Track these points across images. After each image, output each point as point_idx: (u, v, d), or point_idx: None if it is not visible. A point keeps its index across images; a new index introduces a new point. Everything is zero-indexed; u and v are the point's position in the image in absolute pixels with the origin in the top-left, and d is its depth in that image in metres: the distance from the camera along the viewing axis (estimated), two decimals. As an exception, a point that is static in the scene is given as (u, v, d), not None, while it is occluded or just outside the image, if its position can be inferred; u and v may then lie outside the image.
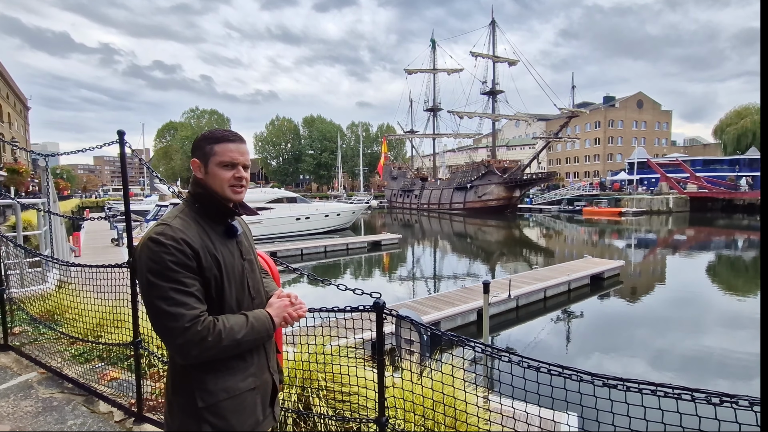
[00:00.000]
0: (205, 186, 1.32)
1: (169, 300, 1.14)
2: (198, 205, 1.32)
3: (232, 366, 1.28)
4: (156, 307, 1.15)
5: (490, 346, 1.84)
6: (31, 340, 4.14)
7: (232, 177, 1.31)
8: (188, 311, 1.14)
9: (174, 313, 1.13)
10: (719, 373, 7.00)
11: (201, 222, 1.29)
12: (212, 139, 1.32)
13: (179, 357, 1.19)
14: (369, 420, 2.36)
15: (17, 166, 14.00)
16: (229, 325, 1.20)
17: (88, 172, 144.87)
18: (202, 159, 1.32)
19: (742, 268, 16.42)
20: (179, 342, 1.14)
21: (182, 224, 1.24)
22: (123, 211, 2.87)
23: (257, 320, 1.28)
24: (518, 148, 73.24)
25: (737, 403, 1.30)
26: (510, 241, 25.50)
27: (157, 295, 1.14)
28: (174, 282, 1.15)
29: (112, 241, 17.05)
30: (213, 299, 1.25)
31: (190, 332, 1.13)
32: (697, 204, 38.33)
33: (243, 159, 1.33)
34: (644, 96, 68.73)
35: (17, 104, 43.09)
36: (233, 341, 1.20)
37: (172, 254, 1.16)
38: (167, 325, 1.14)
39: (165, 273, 1.15)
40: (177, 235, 1.19)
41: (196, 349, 1.14)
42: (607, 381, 1.52)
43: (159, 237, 1.18)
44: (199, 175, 1.33)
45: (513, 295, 9.60)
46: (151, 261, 1.16)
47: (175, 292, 1.14)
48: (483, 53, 45.53)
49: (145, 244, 1.19)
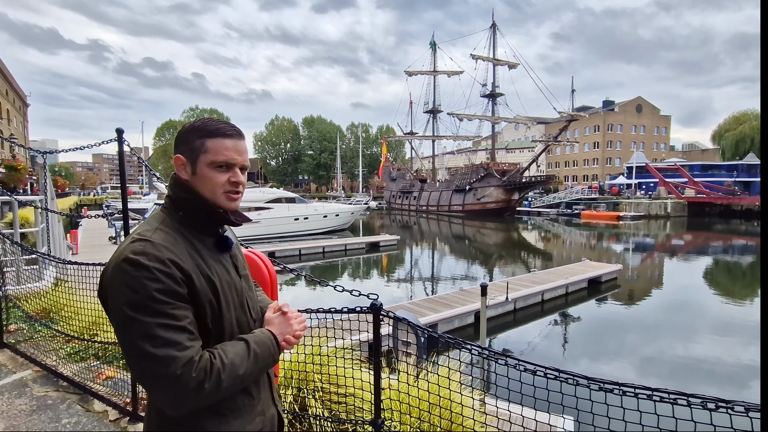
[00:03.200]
0: (191, 190, 1.05)
1: (155, 339, 0.88)
2: (182, 213, 1.05)
3: (238, 406, 1.04)
4: (138, 350, 0.88)
5: (487, 349, 1.84)
6: (27, 338, 4.12)
7: (227, 181, 1.05)
8: (180, 353, 0.89)
9: (162, 357, 0.87)
10: (711, 379, 7.01)
11: (186, 234, 1.03)
12: (204, 132, 1.04)
13: (170, 410, 0.93)
14: (365, 422, 2.36)
15: (15, 163, 13.96)
16: (229, 360, 0.96)
17: (87, 169, 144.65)
18: (189, 156, 1.04)
19: (738, 274, 16.46)
20: (170, 394, 0.89)
21: (166, 239, 0.97)
22: (121, 209, 2.85)
23: (260, 346, 1.03)
24: (517, 151, 73.35)
25: (733, 408, 1.30)
26: (508, 244, 25.53)
27: (140, 334, 0.88)
28: (161, 316, 0.89)
29: (110, 239, 17.02)
30: (209, 330, 1.00)
31: (183, 379, 0.88)
32: (694, 209, 38.44)
33: (241, 159, 1.07)
34: (643, 101, 69.00)
35: (16, 101, 43.03)
36: (235, 379, 0.96)
37: (158, 280, 0.90)
38: (154, 372, 0.88)
39: (149, 305, 0.89)
40: (162, 254, 0.93)
41: (192, 400, 0.90)
42: (603, 385, 1.52)
43: (138, 258, 0.91)
44: (184, 175, 1.05)
45: (510, 298, 9.61)
46: (129, 290, 0.89)
47: (163, 329, 0.89)
48: (483, 56, 45.67)
49: (118, 267, 0.91)
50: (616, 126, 66.49)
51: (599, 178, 62.16)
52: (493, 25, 46.29)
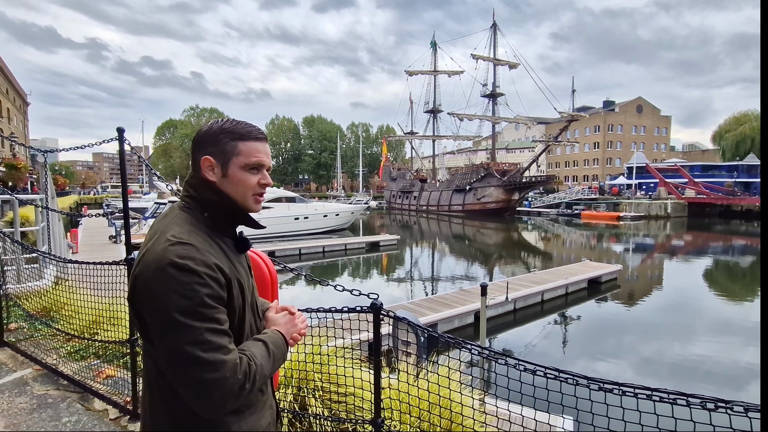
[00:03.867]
0: (220, 192, 1.05)
1: (205, 344, 0.88)
2: (207, 214, 1.05)
3: (253, 402, 1.06)
4: (188, 355, 0.87)
5: (487, 349, 1.85)
6: (27, 337, 4.12)
7: (257, 183, 1.07)
8: (227, 356, 0.90)
9: (213, 361, 0.88)
10: (710, 380, 7.02)
11: (213, 236, 1.03)
12: (236, 135, 1.04)
13: (209, 413, 0.92)
14: (365, 421, 2.36)
15: (16, 162, 13.98)
16: (259, 362, 0.98)
17: (87, 168, 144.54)
18: (219, 158, 1.04)
19: (738, 274, 16.47)
20: (216, 396, 0.89)
21: (203, 242, 0.97)
22: (121, 209, 2.86)
23: (276, 346, 1.06)
24: (518, 151, 73.36)
25: (732, 408, 1.30)
26: (508, 244, 25.54)
27: (190, 340, 0.87)
28: (211, 321, 0.90)
29: (110, 238, 17.03)
30: (234, 330, 1.01)
31: (229, 382, 0.89)
32: (695, 209, 38.44)
33: (269, 161, 1.10)
34: (644, 101, 68.98)
35: (17, 99, 43.03)
36: (262, 379, 0.99)
37: (208, 285, 0.91)
38: (204, 377, 0.87)
39: (200, 311, 0.89)
40: (209, 259, 0.93)
41: (233, 401, 0.92)
42: (603, 385, 1.52)
43: (187, 263, 0.90)
44: (212, 177, 1.04)
45: (510, 298, 9.61)
46: (179, 296, 0.88)
47: (212, 334, 0.89)
48: (484, 56, 45.68)
49: (163, 271, 0.89)
50: (616, 126, 66.47)
51: (599, 179, 62.17)
52: (493, 25, 46.28)
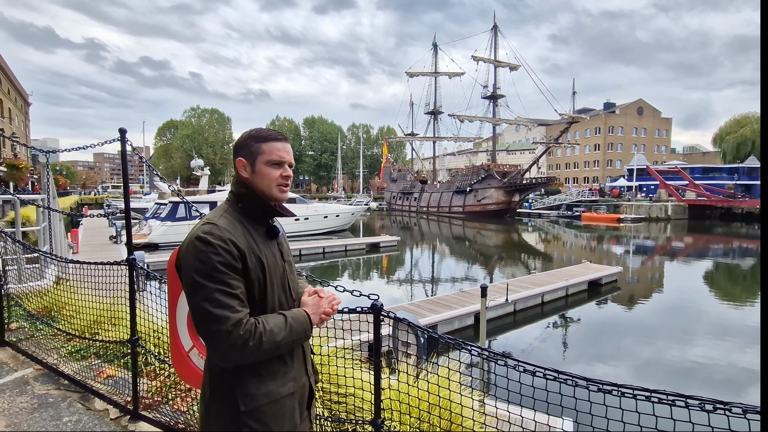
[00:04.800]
0: (251, 186, 1.31)
1: (214, 302, 1.11)
2: (241, 205, 1.32)
3: (274, 370, 1.26)
4: (202, 309, 1.13)
5: (487, 350, 1.85)
6: (28, 336, 4.13)
7: (279, 176, 1.32)
8: (232, 314, 1.12)
9: (219, 316, 1.11)
10: (709, 382, 7.01)
11: (244, 222, 1.28)
12: (259, 138, 1.31)
13: (220, 361, 1.17)
14: (365, 421, 2.37)
15: (17, 162, 14.01)
16: (269, 327, 1.18)
17: (88, 168, 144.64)
18: (248, 158, 1.31)
19: (739, 277, 16.45)
20: (222, 346, 1.12)
21: (228, 224, 1.23)
22: (122, 209, 2.87)
23: (296, 321, 1.25)
24: (518, 153, 73.40)
25: (730, 410, 1.31)
26: (508, 246, 25.53)
27: (204, 297, 1.12)
28: (220, 283, 1.13)
29: (111, 238, 17.05)
30: (256, 301, 1.23)
31: (233, 336, 1.11)
32: (695, 212, 38.43)
33: (289, 158, 1.34)
34: (644, 103, 68.97)
35: (18, 100, 43.09)
36: (273, 344, 1.18)
37: (220, 254, 1.14)
38: (211, 328, 1.12)
39: (212, 274, 1.13)
40: (224, 235, 1.18)
41: (237, 354, 1.13)
42: (602, 386, 1.53)
43: (207, 236, 1.16)
44: (245, 174, 1.31)
45: (510, 300, 9.61)
46: (198, 261, 1.14)
47: (221, 294, 1.12)
48: (484, 57, 45.75)
49: (192, 243, 1.17)
50: (617, 128, 66.46)
51: (600, 180, 62.14)
52: (494, 27, 46.37)
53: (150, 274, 2.91)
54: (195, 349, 2.10)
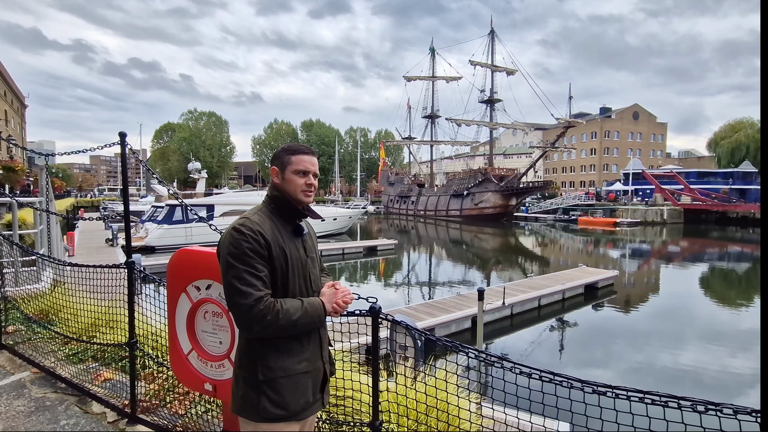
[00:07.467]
0: (281, 190, 1.56)
1: (242, 280, 1.35)
2: (273, 206, 1.56)
3: (291, 348, 1.47)
4: (231, 285, 1.36)
5: (483, 353, 1.88)
6: (25, 339, 4.12)
7: (304, 183, 1.55)
8: (255, 291, 1.35)
9: (244, 291, 1.34)
10: (703, 385, 7.05)
11: (275, 220, 1.52)
12: (290, 151, 1.57)
13: (243, 330, 1.41)
14: (363, 424, 2.38)
15: (13, 164, 13.91)
16: (286, 307, 1.39)
17: (84, 171, 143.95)
18: (280, 167, 1.56)
19: (734, 281, 16.55)
20: (245, 317, 1.35)
21: (259, 219, 1.48)
22: (118, 212, 2.87)
23: (311, 306, 1.46)
24: (515, 157, 73.65)
25: (722, 411, 1.34)
26: (505, 249, 25.57)
27: (234, 275, 1.36)
28: (248, 266, 1.37)
29: (107, 241, 16.97)
30: (278, 286, 1.46)
31: (254, 309, 1.33)
32: (691, 216, 38.64)
33: (314, 169, 1.58)
34: (640, 108, 69.48)
35: (14, 102, 42.93)
36: (289, 322, 1.39)
37: (250, 242, 1.38)
38: (237, 302, 1.35)
39: (242, 257, 1.37)
40: (254, 227, 1.42)
41: (257, 325, 1.35)
42: (597, 388, 1.55)
43: (241, 227, 1.41)
44: (277, 180, 1.56)
45: (507, 303, 9.63)
46: (232, 246, 1.39)
47: (247, 274, 1.36)
48: (482, 62, 45.95)
49: (228, 233, 1.43)
50: (613, 133, 66.88)
51: (596, 185, 62.42)
52: (491, 32, 46.63)
53: (148, 277, 2.92)
54: (194, 352, 2.11)
